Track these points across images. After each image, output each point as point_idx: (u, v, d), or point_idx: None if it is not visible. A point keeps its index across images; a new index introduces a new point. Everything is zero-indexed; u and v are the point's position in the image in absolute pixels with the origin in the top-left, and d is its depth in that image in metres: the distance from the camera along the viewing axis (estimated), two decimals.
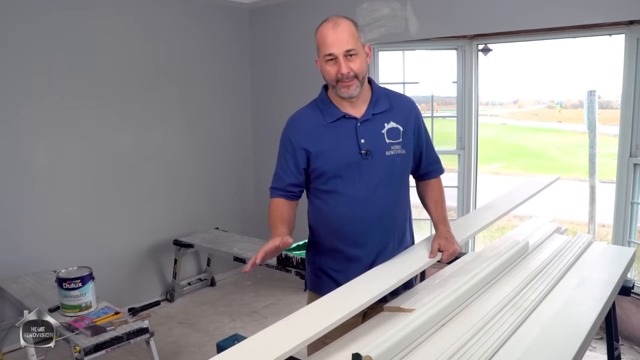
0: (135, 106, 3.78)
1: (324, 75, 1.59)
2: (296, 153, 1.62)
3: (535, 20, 3.09)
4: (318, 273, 1.73)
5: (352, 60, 1.53)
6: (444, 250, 1.64)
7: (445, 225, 1.71)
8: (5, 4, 3.05)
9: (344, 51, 1.51)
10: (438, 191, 1.80)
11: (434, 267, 2.04)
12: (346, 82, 1.54)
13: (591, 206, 5.80)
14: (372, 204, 1.61)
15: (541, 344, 1.24)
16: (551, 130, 17.96)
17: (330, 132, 1.61)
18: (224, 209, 4.47)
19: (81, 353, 2.13)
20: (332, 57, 1.53)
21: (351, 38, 1.53)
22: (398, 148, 1.63)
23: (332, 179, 1.60)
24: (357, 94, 1.57)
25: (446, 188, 1.89)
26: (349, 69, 1.52)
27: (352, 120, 1.61)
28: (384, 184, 1.62)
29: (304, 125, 1.65)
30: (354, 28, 1.56)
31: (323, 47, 1.54)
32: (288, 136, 1.65)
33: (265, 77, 4.49)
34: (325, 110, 1.64)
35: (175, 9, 3.96)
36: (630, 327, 3.08)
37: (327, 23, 1.55)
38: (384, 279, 1.49)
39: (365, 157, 1.59)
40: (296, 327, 1.24)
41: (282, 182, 1.66)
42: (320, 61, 1.59)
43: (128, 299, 3.70)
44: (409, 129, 1.67)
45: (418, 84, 3.86)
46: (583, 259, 1.91)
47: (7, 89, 3.10)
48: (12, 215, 3.18)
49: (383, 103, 1.65)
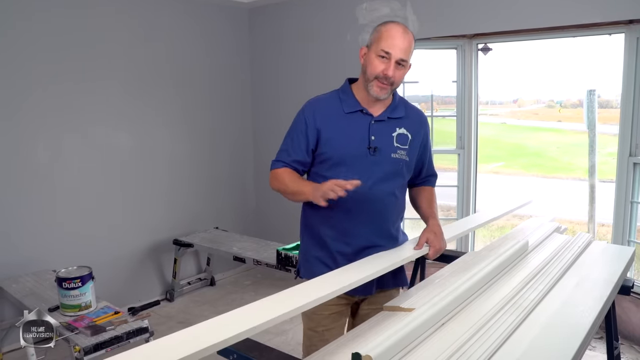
0: (135, 105, 3.77)
1: (365, 66, 1.62)
2: (308, 132, 1.66)
3: (534, 19, 3.09)
4: (312, 260, 1.75)
5: (399, 69, 1.60)
6: (432, 245, 1.69)
7: (436, 220, 1.76)
8: (6, 3, 3.04)
9: (399, 58, 1.57)
10: (431, 193, 1.86)
11: (434, 267, 2.04)
12: (383, 84, 1.59)
13: (591, 205, 5.79)
14: (369, 198, 1.64)
15: (541, 344, 1.24)
16: (551, 129, 17.96)
17: (345, 121, 1.66)
18: (224, 208, 4.47)
19: (81, 353, 2.13)
20: (387, 56, 1.57)
21: (409, 51, 1.60)
22: (403, 154, 1.68)
23: (335, 167, 1.63)
24: (384, 98, 1.64)
25: (446, 187, 1.92)
26: (393, 74, 1.58)
27: (368, 116, 1.67)
28: (384, 182, 1.66)
29: (321, 109, 1.68)
30: (413, 44, 1.62)
31: (385, 42, 1.57)
32: (304, 115, 1.68)
33: (265, 77, 4.49)
34: (345, 100, 1.68)
35: (175, 9, 3.95)
36: (629, 327, 3.08)
37: (398, 26, 1.60)
38: (367, 267, 1.54)
39: (372, 153, 1.64)
40: (278, 304, 1.28)
41: (288, 157, 1.68)
42: (370, 52, 1.61)
43: (128, 298, 3.70)
44: (417, 140, 1.73)
45: (418, 83, 3.86)
46: (583, 258, 1.91)
47: (7, 89, 3.10)
48: (12, 215, 3.18)
49: (400, 110, 1.71)
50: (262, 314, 1.20)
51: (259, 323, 1.16)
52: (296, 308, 1.25)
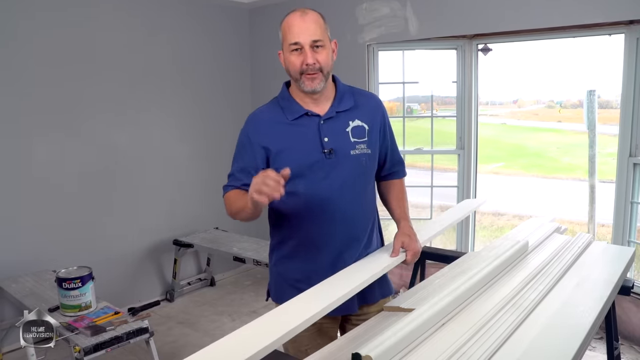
0: (135, 106, 3.77)
1: (287, 68, 1.50)
2: (255, 153, 1.52)
3: (535, 20, 3.09)
4: (281, 283, 1.64)
5: (318, 52, 1.45)
6: (407, 249, 1.58)
7: (407, 221, 1.64)
8: (7, 3, 3.05)
9: (310, 41, 1.44)
10: (400, 190, 1.73)
11: (434, 267, 2.04)
12: (311, 74, 1.46)
13: (591, 206, 5.80)
14: (335, 206, 1.52)
15: (541, 344, 1.23)
16: (551, 130, 17.97)
17: (292, 130, 1.52)
18: (224, 208, 4.44)
19: (81, 353, 2.13)
20: (297, 46, 1.45)
21: (319, 29, 1.46)
22: (363, 147, 1.55)
23: (293, 180, 1.43)
24: (320, 88, 1.49)
25: (446, 188, 1.89)
26: (314, 59, 1.44)
27: (315, 117, 1.53)
28: (348, 185, 1.53)
29: (263, 123, 1.54)
30: (322, 20, 1.49)
31: (289, 36, 1.46)
32: (247, 134, 1.55)
33: (265, 77, 4.49)
34: (286, 107, 1.54)
35: (175, 9, 3.95)
36: (630, 327, 3.08)
37: (294, 12, 1.48)
38: (343, 284, 1.39)
39: (328, 157, 1.50)
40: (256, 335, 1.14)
41: (237, 181, 1.54)
42: (284, 52, 1.50)
43: (128, 298, 3.70)
44: (375, 128, 1.59)
45: (418, 83, 3.87)
46: (583, 258, 1.91)
47: (8, 89, 3.10)
48: (12, 215, 3.18)
49: (347, 100, 1.57)
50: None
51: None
52: (263, 348, 1.08)
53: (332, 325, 1.64)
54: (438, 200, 5.46)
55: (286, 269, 1.62)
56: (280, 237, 1.63)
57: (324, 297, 1.31)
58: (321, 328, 1.59)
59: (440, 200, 6.08)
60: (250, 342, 1.09)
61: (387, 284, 1.69)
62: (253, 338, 1.12)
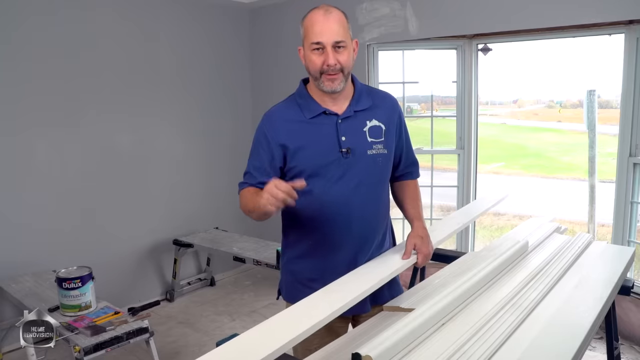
0: (135, 105, 3.77)
1: (307, 66, 1.50)
2: (273, 150, 1.51)
3: (534, 19, 3.09)
4: (293, 282, 1.63)
5: (340, 53, 1.45)
6: (419, 251, 1.55)
7: (421, 222, 1.63)
8: (7, 3, 3.04)
9: (333, 42, 1.43)
10: (414, 190, 1.72)
11: (434, 267, 2.04)
12: (331, 75, 1.45)
13: (591, 206, 5.79)
14: (351, 205, 1.52)
15: (541, 344, 1.23)
16: (551, 129, 17.97)
17: (310, 128, 1.51)
18: (224, 208, 4.46)
19: (81, 353, 2.13)
20: (319, 46, 1.44)
21: (342, 29, 1.45)
22: (380, 147, 1.55)
23: (309, 179, 1.46)
24: (340, 88, 1.49)
25: (446, 188, 1.87)
26: (336, 60, 1.44)
27: (333, 116, 1.52)
28: (364, 185, 1.53)
29: (281, 120, 1.53)
30: (345, 19, 1.48)
31: (311, 35, 1.44)
32: (264, 132, 1.53)
33: (265, 77, 4.49)
34: (304, 105, 1.53)
35: (175, 9, 3.95)
36: (629, 327, 3.08)
37: (318, 10, 1.46)
38: (353, 287, 1.38)
39: (345, 156, 1.50)
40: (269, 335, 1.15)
41: (253, 179, 1.52)
42: (305, 50, 1.49)
43: (128, 298, 3.70)
44: (392, 128, 1.59)
45: (418, 83, 3.87)
46: (583, 258, 1.91)
47: (8, 89, 3.10)
48: (12, 215, 3.18)
49: (365, 100, 1.57)
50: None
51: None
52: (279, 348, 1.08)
53: (343, 325, 1.63)
54: (438, 200, 5.45)
55: (300, 268, 1.62)
56: (294, 236, 1.62)
57: (335, 300, 1.30)
58: (331, 328, 1.57)
59: (440, 200, 6.08)
60: (260, 345, 1.09)
61: (396, 284, 1.69)
62: (263, 341, 1.11)
